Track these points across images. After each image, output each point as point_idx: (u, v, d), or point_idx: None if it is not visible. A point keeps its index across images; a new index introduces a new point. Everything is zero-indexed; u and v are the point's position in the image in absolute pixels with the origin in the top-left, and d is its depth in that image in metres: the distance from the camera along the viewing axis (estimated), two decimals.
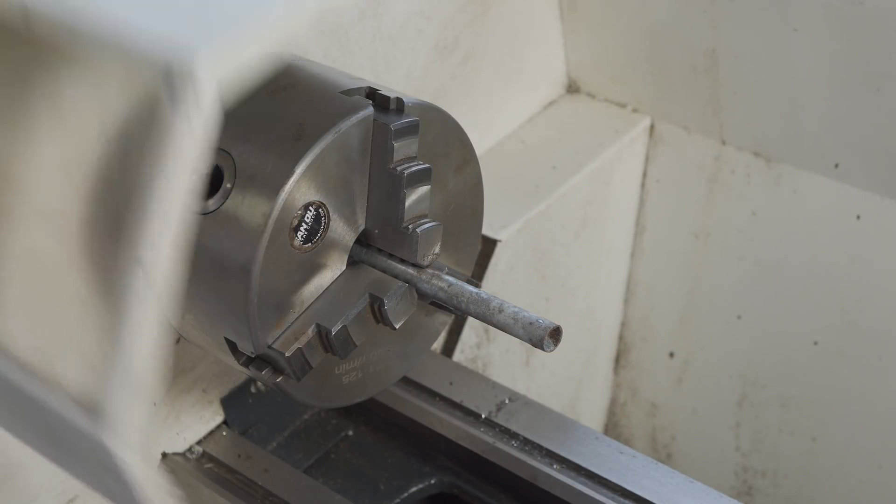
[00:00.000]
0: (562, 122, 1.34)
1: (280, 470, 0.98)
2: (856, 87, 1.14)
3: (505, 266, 1.18)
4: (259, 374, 0.80)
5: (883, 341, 1.25)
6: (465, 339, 1.16)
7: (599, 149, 1.29)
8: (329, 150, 0.73)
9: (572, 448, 0.92)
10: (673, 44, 1.25)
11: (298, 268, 0.75)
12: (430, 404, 1.01)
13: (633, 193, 1.37)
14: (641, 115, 1.33)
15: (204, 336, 0.81)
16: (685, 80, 1.26)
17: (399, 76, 1.13)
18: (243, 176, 0.73)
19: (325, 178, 0.73)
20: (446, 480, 0.99)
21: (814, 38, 1.14)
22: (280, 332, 0.76)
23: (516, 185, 1.24)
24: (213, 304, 0.77)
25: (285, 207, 0.72)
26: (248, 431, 1.03)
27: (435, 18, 1.16)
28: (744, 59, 1.20)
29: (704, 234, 1.34)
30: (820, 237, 1.25)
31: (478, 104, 1.25)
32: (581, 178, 1.27)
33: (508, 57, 1.27)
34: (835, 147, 1.20)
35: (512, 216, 1.20)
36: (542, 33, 1.31)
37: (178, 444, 1.00)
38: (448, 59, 1.19)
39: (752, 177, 1.28)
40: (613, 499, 0.90)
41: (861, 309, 1.25)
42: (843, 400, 1.30)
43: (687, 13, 1.21)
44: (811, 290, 1.28)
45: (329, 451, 1.04)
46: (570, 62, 1.36)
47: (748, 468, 1.41)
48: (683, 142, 1.31)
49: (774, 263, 1.30)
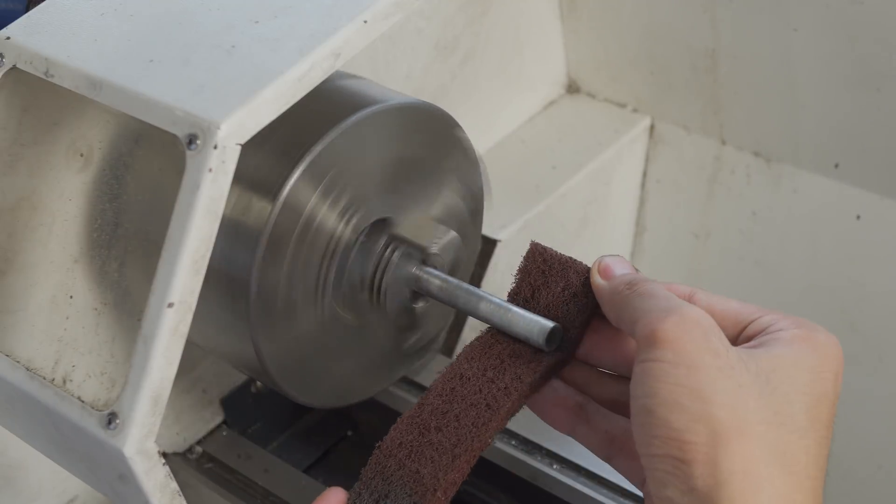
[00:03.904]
0: (562, 122, 1.34)
1: (280, 470, 0.98)
2: (856, 87, 1.14)
3: (505, 266, 1.18)
4: None
5: (883, 341, 1.25)
6: (465, 338, 1.16)
7: (599, 149, 1.29)
8: (329, 150, 0.73)
9: (572, 448, 0.92)
10: (673, 44, 1.25)
11: (298, 270, 0.75)
12: None
13: (633, 193, 1.37)
14: (641, 115, 1.33)
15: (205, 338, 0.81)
16: (685, 80, 1.26)
17: (399, 76, 1.13)
18: (243, 176, 0.73)
19: (325, 178, 0.73)
20: None
21: (814, 38, 1.14)
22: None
23: (516, 185, 1.24)
24: (215, 308, 0.77)
25: (285, 208, 0.72)
26: (247, 431, 1.03)
27: (435, 18, 1.16)
28: (744, 59, 1.20)
29: (704, 234, 1.34)
30: (820, 237, 1.25)
31: (478, 104, 1.25)
32: (581, 178, 1.27)
33: (508, 57, 1.27)
34: (835, 147, 1.20)
35: (512, 216, 1.20)
36: (542, 33, 1.31)
37: (178, 444, 1.00)
38: (448, 59, 1.19)
39: (752, 177, 1.28)
40: (613, 499, 0.90)
41: (861, 309, 1.25)
42: (844, 400, 1.29)
43: (687, 13, 1.21)
44: (811, 290, 1.28)
45: (329, 451, 1.04)
46: (570, 62, 1.36)
47: None
48: (683, 142, 1.31)
49: (774, 263, 1.30)
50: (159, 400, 0.59)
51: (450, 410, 0.68)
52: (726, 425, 0.57)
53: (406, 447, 0.67)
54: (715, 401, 0.58)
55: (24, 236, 0.71)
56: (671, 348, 0.59)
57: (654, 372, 0.59)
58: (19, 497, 0.92)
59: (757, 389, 0.59)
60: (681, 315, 0.60)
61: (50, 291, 0.70)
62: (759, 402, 0.59)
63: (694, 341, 0.59)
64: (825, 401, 0.62)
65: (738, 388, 0.59)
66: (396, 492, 0.66)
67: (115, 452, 0.59)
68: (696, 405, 0.58)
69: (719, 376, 0.58)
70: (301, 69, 0.62)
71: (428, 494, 0.65)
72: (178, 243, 0.59)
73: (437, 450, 0.67)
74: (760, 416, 0.58)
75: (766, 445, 0.58)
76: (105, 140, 0.73)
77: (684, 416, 0.58)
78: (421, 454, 0.67)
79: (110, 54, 0.65)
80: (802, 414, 0.60)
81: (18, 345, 0.68)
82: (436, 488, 0.65)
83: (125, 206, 0.71)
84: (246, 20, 0.66)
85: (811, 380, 0.61)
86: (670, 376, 0.59)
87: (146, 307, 0.59)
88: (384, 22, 0.66)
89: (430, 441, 0.67)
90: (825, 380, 0.62)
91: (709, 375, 0.58)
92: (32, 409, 0.65)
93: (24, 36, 0.68)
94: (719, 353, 0.59)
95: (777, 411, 0.59)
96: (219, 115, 0.59)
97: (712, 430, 0.57)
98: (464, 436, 0.67)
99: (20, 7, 0.88)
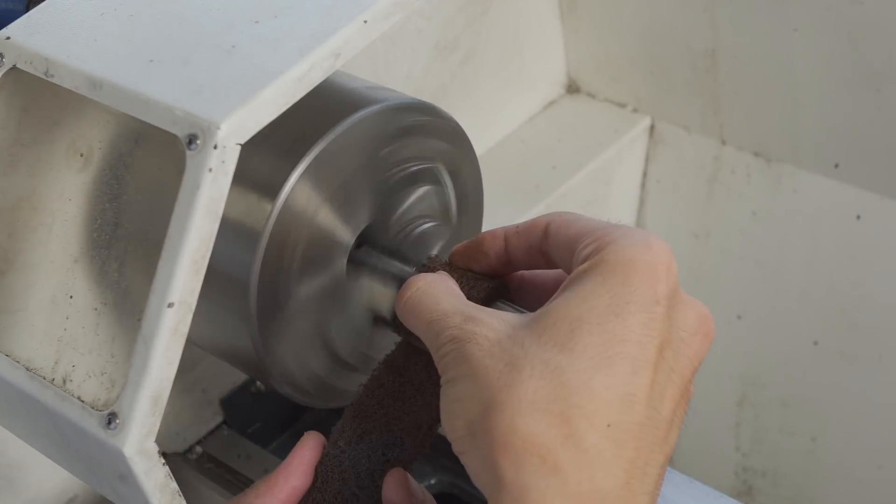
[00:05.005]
0: (562, 122, 1.34)
1: None
2: (856, 87, 1.14)
3: None
4: None
5: (883, 341, 1.25)
6: None
7: (599, 149, 1.29)
8: (329, 150, 0.73)
9: None
10: (673, 44, 1.25)
11: (298, 270, 0.75)
12: None
13: (633, 193, 1.37)
14: (641, 115, 1.33)
15: (205, 338, 0.81)
16: (685, 80, 1.26)
17: (399, 76, 1.13)
18: (244, 176, 0.73)
19: (325, 178, 0.73)
20: (446, 480, 0.99)
21: (814, 38, 1.14)
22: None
23: (516, 185, 1.24)
24: (215, 308, 0.77)
25: (285, 208, 0.72)
26: (247, 431, 1.03)
27: (435, 18, 1.16)
28: (744, 59, 1.20)
29: (704, 234, 1.34)
30: (820, 237, 1.25)
31: (478, 104, 1.25)
32: (581, 178, 1.27)
33: (508, 57, 1.27)
34: (835, 147, 1.20)
35: (512, 216, 1.20)
36: (542, 33, 1.31)
37: (177, 444, 1.00)
38: (448, 59, 1.19)
39: (752, 177, 1.28)
40: None
41: (861, 309, 1.25)
42: (843, 400, 1.29)
43: (687, 13, 1.21)
44: (811, 290, 1.28)
45: (329, 450, 1.04)
46: (570, 62, 1.36)
47: (748, 468, 1.41)
48: (683, 142, 1.31)
49: (774, 263, 1.30)
50: (159, 400, 0.59)
51: None
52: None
53: (387, 388, 0.66)
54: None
55: (24, 236, 0.71)
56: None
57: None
58: (19, 497, 0.92)
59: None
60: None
61: (50, 291, 0.70)
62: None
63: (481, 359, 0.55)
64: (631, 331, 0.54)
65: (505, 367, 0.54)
66: (379, 429, 0.65)
67: (115, 452, 0.59)
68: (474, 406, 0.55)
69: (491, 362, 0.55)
70: (301, 69, 0.62)
71: (412, 430, 0.64)
72: (178, 243, 0.59)
73: (418, 389, 0.65)
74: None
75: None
76: (105, 140, 0.73)
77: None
78: (402, 393, 0.66)
79: (110, 54, 0.65)
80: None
81: (18, 345, 0.67)
82: (420, 424, 0.64)
83: (125, 206, 0.71)
84: (246, 20, 0.66)
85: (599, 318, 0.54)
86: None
87: (146, 307, 0.59)
88: (384, 22, 0.66)
89: (409, 381, 0.66)
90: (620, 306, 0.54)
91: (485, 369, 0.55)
92: (32, 409, 0.65)
93: (24, 36, 0.68)
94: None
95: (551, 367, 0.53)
96: (219, 115, 0.59)
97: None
98: None
99: (20, 7, 0.88)
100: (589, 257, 0.56)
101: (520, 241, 0.64)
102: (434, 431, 0.65)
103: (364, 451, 0.65)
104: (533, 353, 0.54)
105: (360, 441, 0.66)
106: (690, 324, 0.56)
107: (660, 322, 0.54)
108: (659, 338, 0.54)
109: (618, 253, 0.55)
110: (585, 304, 0.54)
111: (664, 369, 0.54)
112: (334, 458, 0.66)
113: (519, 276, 0.67)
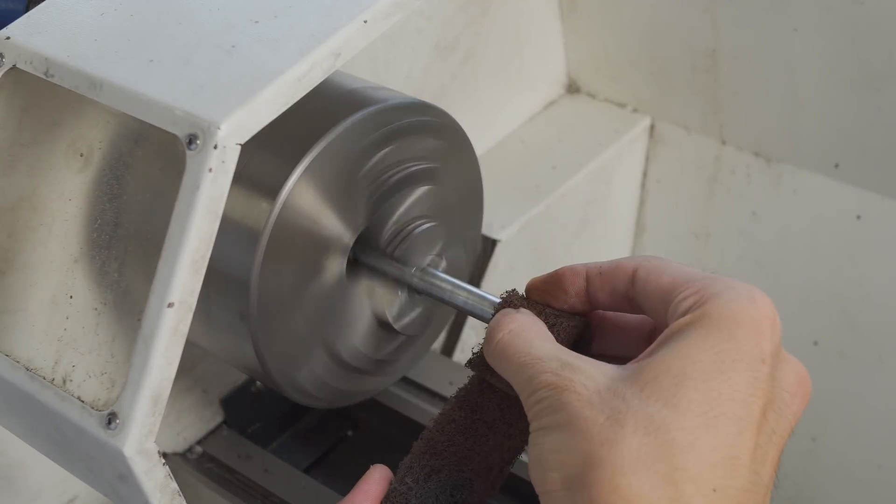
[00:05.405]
0: (562, 122, 1.34)
1: (280, 470, 0.98)
2: (856, 87, 1.14)
3: (505, 266, 1.18)
4: None
5: (883, 341, 1.25)
6: (465, 339, 1.16)
7: (599, 149, 1.29)
8: (329, 150, 0.73)
9: None
10: (673, 44, 1.25)
11: (298, 270, 0.75)
12: (430, 404, 1.00)
13: (633, 193, 1.37)
14: (641, 115, 1.33)
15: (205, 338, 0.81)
16: (685, 80, 1.26)
17: (399, 76, 1.13)
18: (244, 176, 0.73)
19: (325, 178, 0.73)
20: None
21: (814, 38, 1.14)
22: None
23: (516, 185, 1.24)
24: (215, 308, 0.77)
25: (285, 208, 0.72)
26: (247, 431, 1.03)
27: (435, 18, 1.16)
28: (744, 59, 1.20)
29: (704, 234, 1.34)
30: (820, 237, 1.25)
31: (478, 104, 1.25)
32: (581, 178, 1.27)
33: (508, 57, 1.27)
34: (835, 147, 1.20)
35: (512, 216, 1.20)
36: (542, 33, 1.31)
37: (177, 444, 1.00)
38: (448, 59, 1.19)
39: (752, 177, 1.28)
40: None
41: (861, 309, 1.25)
42: (843, 400, 1.29)
43: (687, 13, 1.21)
44: (811, 290, 1.28)
45: (329, 451, 1.04)
46: (570, 62, 1.36)
47: None
48: (683, 142, 1.31)
49: (774, 263, 1.30)
50: (159, 400, 0.59)
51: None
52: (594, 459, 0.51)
53: (458, 424, 0.64)
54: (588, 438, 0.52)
55: (24, 236, 0.71)
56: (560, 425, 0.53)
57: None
58: (19, 497, 0.92)
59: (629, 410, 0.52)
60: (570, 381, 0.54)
61: (50, 291, 0.70)
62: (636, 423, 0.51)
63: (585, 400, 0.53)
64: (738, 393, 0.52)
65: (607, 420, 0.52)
66: (449, 467, 0.63)
67: (115, 452, 0.59)
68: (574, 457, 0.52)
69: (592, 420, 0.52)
70: (301, 69, 0.62)
71: (483, 471, 0.62)
72: (178, 243, 0.59)
73: (490, 428, 0.63)
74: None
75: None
76: (105, 140, 0.73)
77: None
78: (474, 431, 0.63)
79: (110, 54, 0.65)
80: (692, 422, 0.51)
81: (18, 345, 0.67)
82: (490, 465, 0.62)
83: (125, 206, 0.71)
84: (246, 20, 0.66)
85: (705, 374, 0.52)
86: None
87: (146, 307, 0.59)
88: (384, 22, 0.66)
89: (482, 419, 0.63)
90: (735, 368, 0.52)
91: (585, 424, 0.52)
92: (32, 409, 0.65)
93: (24, 36, 0.68)
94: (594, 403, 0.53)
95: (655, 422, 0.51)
96: (219, 115, 0.59)
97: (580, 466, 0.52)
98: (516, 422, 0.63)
99: (20, 7, 0.88)
100: (690, 310, 0.54)
101: (603, 282, 0.61)
102: (505, 474, 0.63)
103: (432, 490, 0.63)
104: (636, 406, 0.51)
105: (427, 479, 0.63)
106: (791, 383, 0.55)
107: (764, 381, 0.53)
108: (763, 398, 0.53)
109: (722, 307, 0.54)
110: (689, 359, 0.52)
111: (766, 431, 0.53)
112: (401, 495, 0.63)
113: (600, 315, 0.65)
